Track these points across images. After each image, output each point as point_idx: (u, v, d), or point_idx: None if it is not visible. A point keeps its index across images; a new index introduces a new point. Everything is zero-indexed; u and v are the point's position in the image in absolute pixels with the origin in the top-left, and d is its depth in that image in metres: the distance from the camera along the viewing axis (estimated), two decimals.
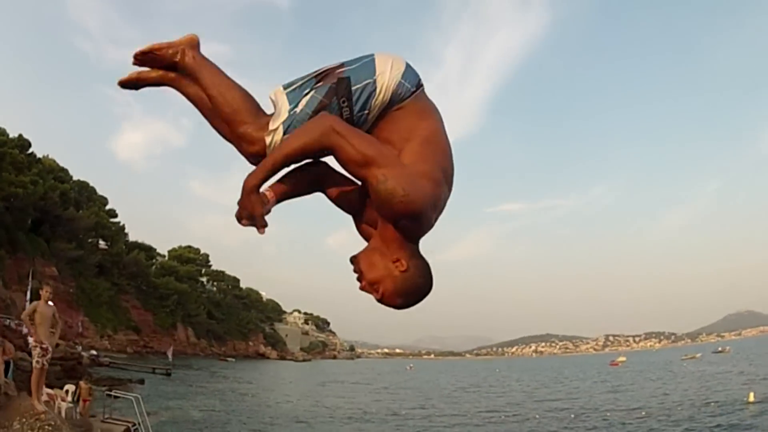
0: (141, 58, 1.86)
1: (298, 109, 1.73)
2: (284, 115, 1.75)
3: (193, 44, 1.86)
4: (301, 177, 1.84)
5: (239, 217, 1.72)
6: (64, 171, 59.48)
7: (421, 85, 1.82)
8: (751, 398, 28.49)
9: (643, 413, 27.58)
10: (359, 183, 1.81)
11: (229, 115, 1.80)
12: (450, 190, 1.79)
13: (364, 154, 1.62)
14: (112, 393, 17.04)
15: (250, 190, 1.69)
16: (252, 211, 1.70)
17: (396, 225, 1.69)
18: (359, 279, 1.77)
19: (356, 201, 1.89)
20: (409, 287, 1.74)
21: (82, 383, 14.32)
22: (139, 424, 15.05)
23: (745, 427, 21.73)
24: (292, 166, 1.77)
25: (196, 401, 31.15)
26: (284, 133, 1.74)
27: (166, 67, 1.88)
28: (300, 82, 1.77)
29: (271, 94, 1.80)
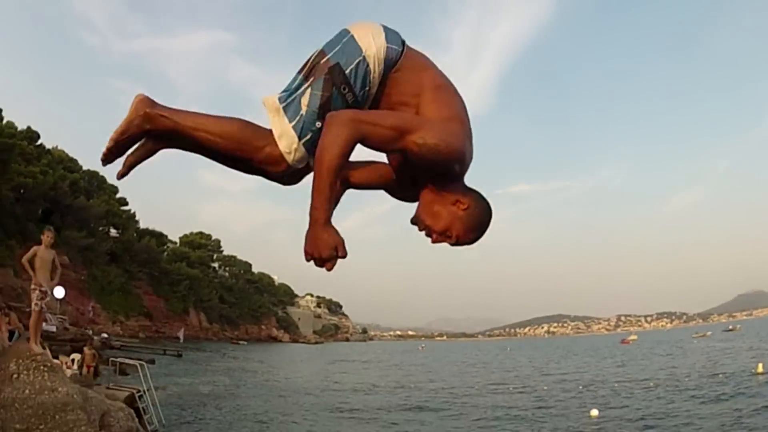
0: (113, 153, 1.77)
1: (303, 111, 1.71)
2: (290, 124, 1.71)
3: (147, 103, 1.76)
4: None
5: (318, 257, 1.63)
6: (74, 161, 60.08)
7: (404, 42, 1.83)
8: (760, 369, 28.46)
9: (651, 384, 27.71)
10: (385, 160, 1.90)
11: (239, 147, 1.76)
12: (469, 120, 1.83)
13: (394, 128, 1.65)
14: (117, 360, 17.36)
15: (325, 223, 1.64)
16: (334, 243, 1.63)
17: (444, 173, 1.76)
18: (428, 234, 1.85)
19: (388, 175, 1.93)
20: (477, 219, 1.82)
21: (86, 349, 14.36)
22: (144, 391, 15.03)
23: (752, 395, 21.84)
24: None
25: (206, 377, 31.50)
26: (299, 138, 1.71)
27: (143, 140, 1.79)
28: (292, 90, 1.74)
29: (268, 108, 1.75)
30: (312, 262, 1.66)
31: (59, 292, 26.11)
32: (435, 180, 1.77)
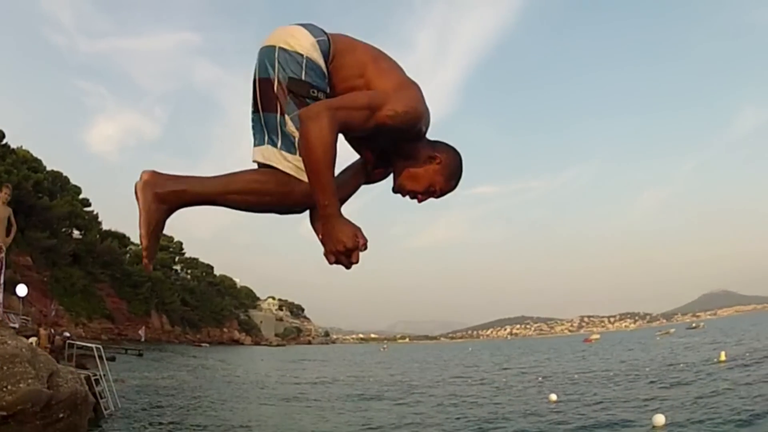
0: (152, 250, 1.78)
1: (296, 137, 1.69)
2: (296, 155, 1.69)
3: (153, 183, 1.71)
4: None
5: (344, 249, 1.63)
6: (38, 161, 59.42)
7: (324, 31, 1.85)
8: (723, 357, 28.86)
9: (611, 374, 28.33)
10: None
11: (269, 200, 1.75)
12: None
13: (366, 107, 1.70)
14: (75, 343, 16.82)
15: (339, 215, 1.65)
16: (353, 231, 1.63)
17: (413, 137, 1.85)
18: (414, 197, 1.94)
19: (361, 171, 1.99)
20: (453, 167, 1.94)
21: (41, 330, 14.30)
22: (101, 376, 14.93)
23: (715, 379, 22.08)
24: None
25: (165, 372, 31.69)
26: (293, 151, 1.70)
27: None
28: (273, 130, 1.73)
29: (272, 161, 1.73)
30: (338, 264, 1.66)
31: (21, 290, 26.15)
32: (404, 146, 1.86)
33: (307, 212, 1.84)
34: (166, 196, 1.70)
